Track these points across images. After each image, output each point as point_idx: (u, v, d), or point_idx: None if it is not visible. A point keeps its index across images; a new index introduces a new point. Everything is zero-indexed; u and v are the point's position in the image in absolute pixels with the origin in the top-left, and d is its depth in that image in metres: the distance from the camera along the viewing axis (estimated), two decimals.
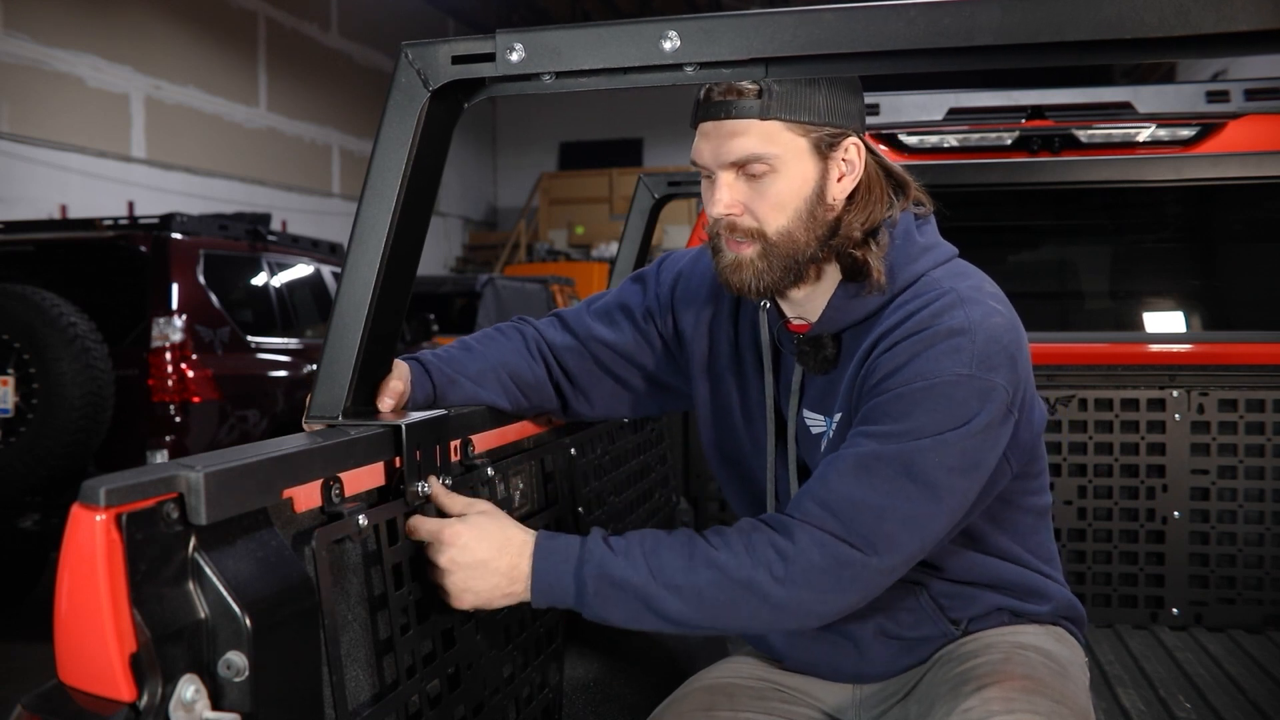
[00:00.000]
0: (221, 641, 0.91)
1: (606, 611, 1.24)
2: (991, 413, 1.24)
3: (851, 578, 1.21)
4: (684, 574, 1.22)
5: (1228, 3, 0.94)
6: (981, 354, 1.25)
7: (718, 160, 1.32)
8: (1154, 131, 2.69)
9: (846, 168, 1.34)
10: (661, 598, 1.22)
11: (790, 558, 1.21)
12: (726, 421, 1.53)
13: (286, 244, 5.83)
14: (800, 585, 1.20)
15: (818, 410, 1.41)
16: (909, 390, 1.24)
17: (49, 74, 10.22)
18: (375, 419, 1.26)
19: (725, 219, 1.34)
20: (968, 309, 1.27)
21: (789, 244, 1.33)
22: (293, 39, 14.40)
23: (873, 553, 1.21)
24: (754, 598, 1.21)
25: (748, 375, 1.51)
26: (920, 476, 1.22)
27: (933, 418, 1.23)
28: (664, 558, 1.23)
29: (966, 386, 1.23)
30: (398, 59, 1.18)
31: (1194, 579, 2.52)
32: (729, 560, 1.22)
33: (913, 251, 1.36)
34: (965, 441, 1.23)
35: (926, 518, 1.23)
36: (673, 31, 1.09)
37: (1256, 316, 2.82)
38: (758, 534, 1.24)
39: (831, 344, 1.38)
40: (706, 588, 1.21)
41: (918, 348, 1.26)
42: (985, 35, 1.01)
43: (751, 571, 1.21)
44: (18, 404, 4.15)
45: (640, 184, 2.61)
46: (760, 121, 1.29)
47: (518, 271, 14.49)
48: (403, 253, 1.25)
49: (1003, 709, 1.21)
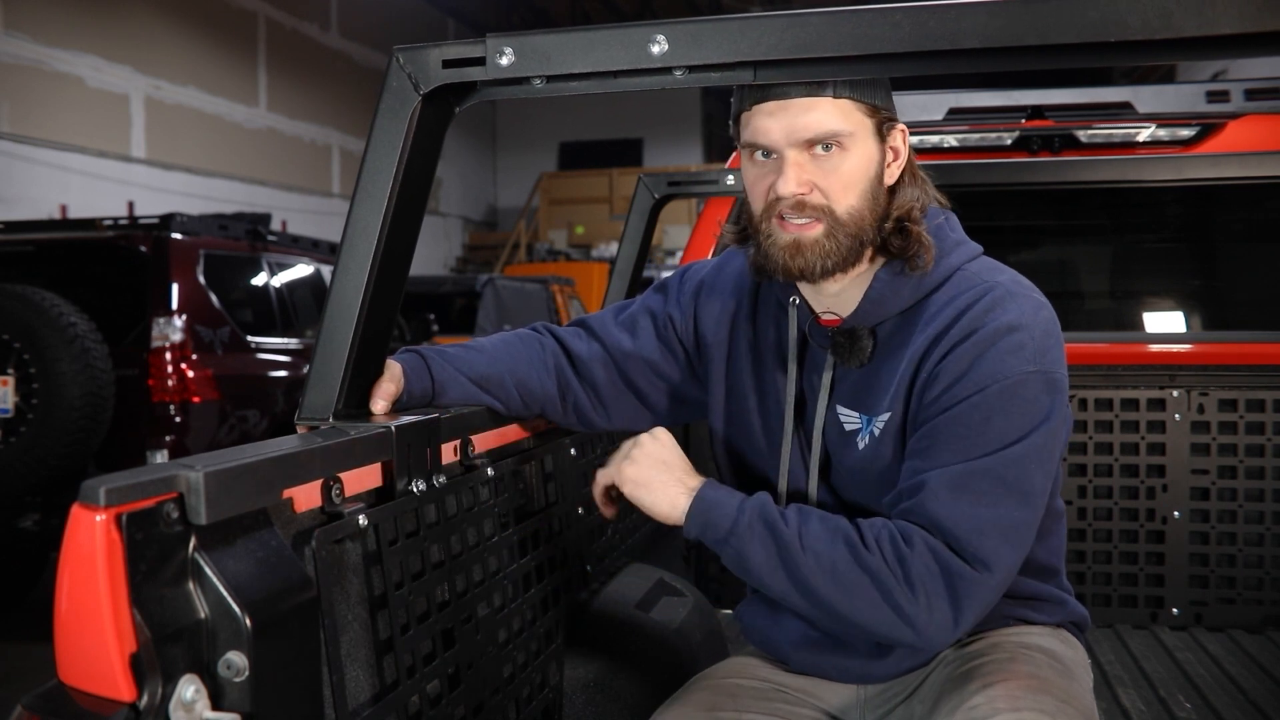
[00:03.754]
0: (221, 641, 0.91)
1: (750, 548, 1.27)
2: (1059, 403, 1.26)
3: (965, 591, 1.21)
4: (825, 543, 1.25)
5: (1210, 6, 0.95)
6: (1040, 347, 1.26)
7: (791, 137, 1.30)
8: (1154, 131, 2.69)
9: (894, 154, 1.36)
10: (802, 557, 1.25)
11: (907, 560, 1.22)
12: (741, 421, 1.52)
13: (286, 244, 5.83)
14: (919, 590, 1.21)
15: (852, 407, 1.40)
16: (983, 397, 1.24)
17: (49, 74, 10.22)
18: (367, 420, 1.26)
19: (795, 198, 1.31)
20: (1019, 303, 1.29)
21: (857, 223, 1.32)
22: (292, 39, 14.40)
23: (983, 568, 1.22)
24: (877, 589, 1.22)
25: (767, 376, 1.49)
26: (1016, 485, 1.23)
27: (1012, 422, 1.23)
28: (813, 525, 1.27)
29: (1034, 383, 1.25)
30: (389, 62, 1.19)
31: (1194, 579, 2.52)
32: (861, 546, 1.24)
33: (946, 245, 1.37)
34: (1044, 438, 1.25)
35: (1025, 525, 1.25)
36: (661, 36, 1.10)
37: (1256, 316, 2.82)
38: (885, 530, 1.25)
39: (868, 337, 1.37)
40: (841, 563, 1.23)
41: (979, 349, 1.26)
42: (971, 39, 1.02)
43: (879, 563, 1.22)
44: (18, 404, 4.16)
45: (640, 184, 2.61)
46: (834, 100, 1.29)
47: (518, 271, 14.49)
48: (395, 255, 1.25)
49: (1008, 707, 1.20)
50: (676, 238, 15.87)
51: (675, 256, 14.97)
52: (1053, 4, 0.99)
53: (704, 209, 2.95)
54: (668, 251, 15.76)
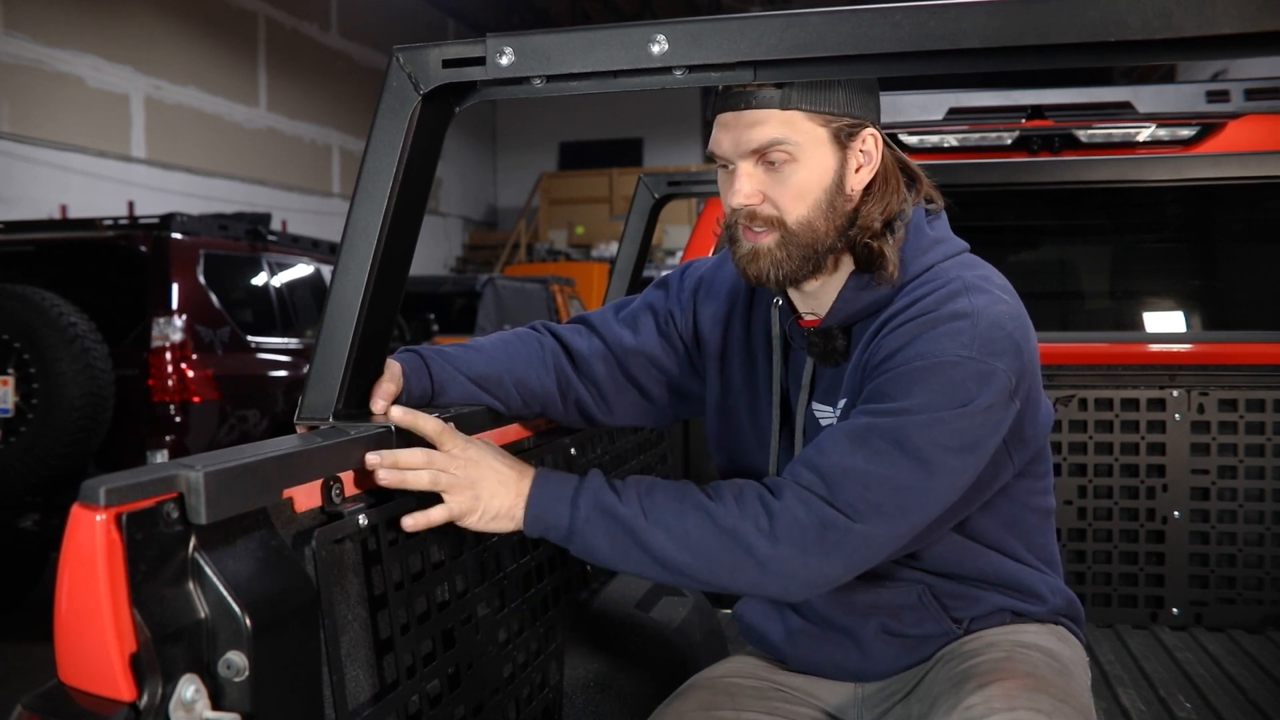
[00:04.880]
0: (221, 641, 0.91)
1: (595, 540, 1.25)
2: (991, 396, 1.25)
3: (836, 542, 1.21)
4: (674, 515, 1.24)
5: (1210, 6, 0.95)
6: (984, 338, 1.25)
7: (738, 149, 1.32)
8: (1154, 131, 2.69)
9: (864, 159, 1.35)
10: (650, 534, 1.23)
11: (775, 513, 1.22)
12: (733, 416, 1.54)
13: (286, 244, 5.83)
14: (783, 541, 1.21)
15: (825, 402, 1.41)
16: (909, 369, 1.25)
17: (49, 74, 10.22)
18: (367, 420, 1.26)
19: (745, 208, 1.33)
20: (972, 296, 1.29)
21: (809, 233, 1.33)
22: (293, 39, 14.40)
23: (858, 518, 1.21)
24: (739, 548, 1.21)
25: (757, 371, 1.51)
26: (912, 450, 1.22)
27: (930, 396, 1.23)
28: (657, 498, 1.26)
29: (966, 368, 1.24)
30: (389, 62, 1.19)
31: (1194, 579, 2.52)
32: (718, 508, 1.23)
33: (923, 244, 1.37)
34: (961, 421, 1.23)
35: (916, 492, 1.23)
36: (661, 35, 1.10)
37: (1256, 316, 2.82)
38: (749, 489, 1.25)
39: (842, 336, 1.39)
40: (694, 530, 1.23)
41: (920, 329, 1.27)
42: (971, 39, 1.02)
43: (738, 521, 1.22)
44: (18, 404, 4.16)
45: (640, 184, 2.61)
46: (781, 111, 1.29)
47: (518, 271, 14.49)
48: (394, 255, 1.25)
49: (1005, 706, 1.20)
50: (676, 238, 15.88)
51: (675, 256, 14.97)
52: (1053, 4, 0.99)
53: (704, 209, 2.95)
54: (668, 251, 15.77)
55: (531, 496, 1.27)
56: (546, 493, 1.27)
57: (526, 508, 1.27)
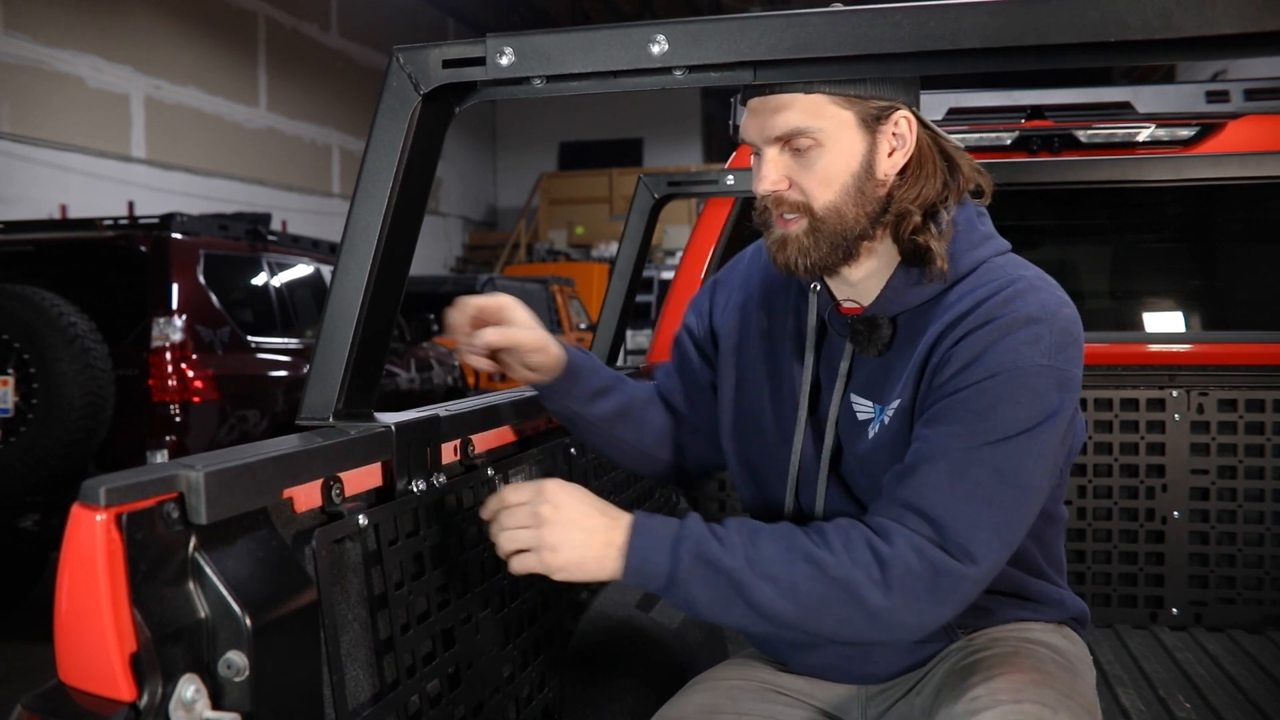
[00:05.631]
0: (222, 641, 0.91)
1: (696, 592, 1.20)
2: (1068, 403, 1.23)
3: (949, 588, 1.18)
4: (781, 565, 1.18)
5: (1210, 6, 0.94)
6: (1058, 342, 1.23)
7: (763, 135, 1.30)
8: (1154, 131, 2.69)
9: (897, 142, 1.31)
10: (756, 586, 1.18)
11: (887, 562, 1.17)
12: (751, 411, 1.50)
13: (286, 244, 5.83)
14: (896, 592, 1.17)
15: (867, 396, 1.37)
16: (992, 383, 1.21)
17: (49, 74, 10.22)
18: (367, 420, 1.26)
19: (772, 194, 1.31)
20: (1041, 295, 1.26)
21: (836, 220, 1.30)
22: (293, 39, 14.40)
23: (969, 561, 1.18)
24: (850, 600, 1.17)
25: (781, 364, 1.47)
26: (1011, 477, 1.19)
27: (1018, 412, 1.20)
28: (763, 547, 1.20)
29: (1048, 377, 1.21)
30: (389, 63, 1.19)
31: (1194, 579, 2.52)
32: (828, 558, 1.18)
33: (974, 239, 1.34)
34: (1050, 434, 1.21)
35: (1018, 517, 1.21)
36: (661, 35, 1.10)
37: (1256, 316, 2.82)
38: (856, 534, 1.20)
39: (888, 325, 1.35)
40: (803, 583, 1.18)
41: (994, 336, 1.23)
42: (971, 39, 1.01)
43: (850, 571, 1.17)
44: (18, 404, 4.15)
45: (640, 184, 2.61)
46: (805, 95, 1.27)
47: (518, 271, 14.50)
48: (395, 255, 1.25)
49: (1010, 699, 1.20)
50: (676, 238, 15.89)
51: (675, 256, 14.96)
52: (1053, 4, 0.99)
53: (704, 209, 2.95)
54: (668, 251, 15.77)
55: (631, 545, 1.21)
56: (645, 541, 1.21)
57: (626, 557, 1.21)
